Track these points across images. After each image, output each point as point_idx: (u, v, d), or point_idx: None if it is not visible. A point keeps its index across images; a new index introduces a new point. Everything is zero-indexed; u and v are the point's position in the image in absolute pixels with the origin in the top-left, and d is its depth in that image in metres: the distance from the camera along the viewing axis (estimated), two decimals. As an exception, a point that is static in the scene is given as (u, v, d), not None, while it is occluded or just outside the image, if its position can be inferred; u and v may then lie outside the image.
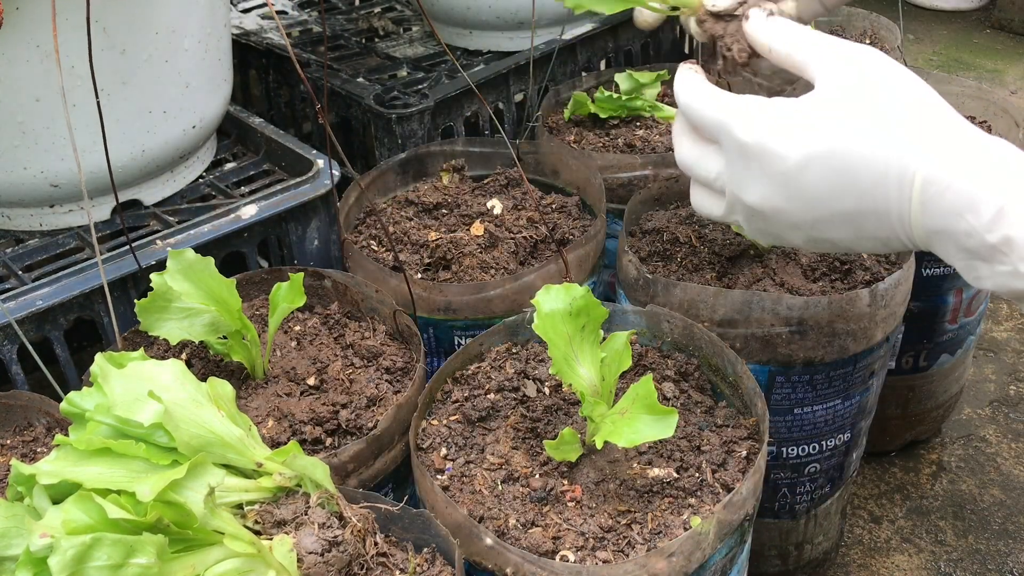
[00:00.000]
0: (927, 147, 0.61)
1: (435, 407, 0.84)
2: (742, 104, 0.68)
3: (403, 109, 1.21)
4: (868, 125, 0.63)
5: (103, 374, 0.59)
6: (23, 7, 0.86)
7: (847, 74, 0.66)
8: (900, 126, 0.62)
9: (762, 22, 0.72)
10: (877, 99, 0.64)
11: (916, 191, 0.61)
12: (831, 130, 0.64)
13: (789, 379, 0.97)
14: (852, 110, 0.64)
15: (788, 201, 0.67)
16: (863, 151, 0.63)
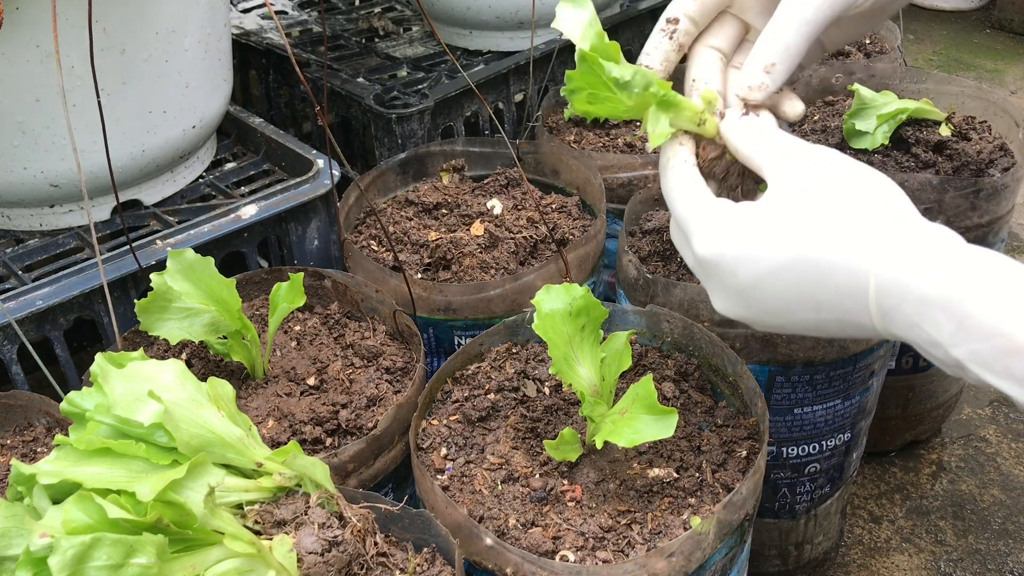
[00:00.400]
0: (878, 253, 0.58)
1: (435, 407, 0.84)
2: (704, 212, 0.66)
3: (403, 109, 1.21)
4: (817, 234, 0.60)
5: (103, 374, 0.59)
6: (23, 7, 0.86)
7: (797, 178, 0.63)
8: (849, 232, 0.59)
9: (732, 123, 0.70)
10: (826, 204, 0.61)
11: (872, 302, 0.59)
12: (782, 243, 0.62)
13: (789, 379, 0.97)
14: (801, 219, 0.61)
15: (750, 312, 0.66)
16: (816, 263, 0.60)
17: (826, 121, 1.27)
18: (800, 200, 0.62)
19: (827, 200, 0.61)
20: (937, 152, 1.18)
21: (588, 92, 0.69)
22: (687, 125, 0.70)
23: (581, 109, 0.71)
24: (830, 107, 1.31)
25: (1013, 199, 1.16)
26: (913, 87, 1.29)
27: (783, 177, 0.64)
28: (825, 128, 1.25)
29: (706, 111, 0.71)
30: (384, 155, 1.24)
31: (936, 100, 1.24)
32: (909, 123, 1.20)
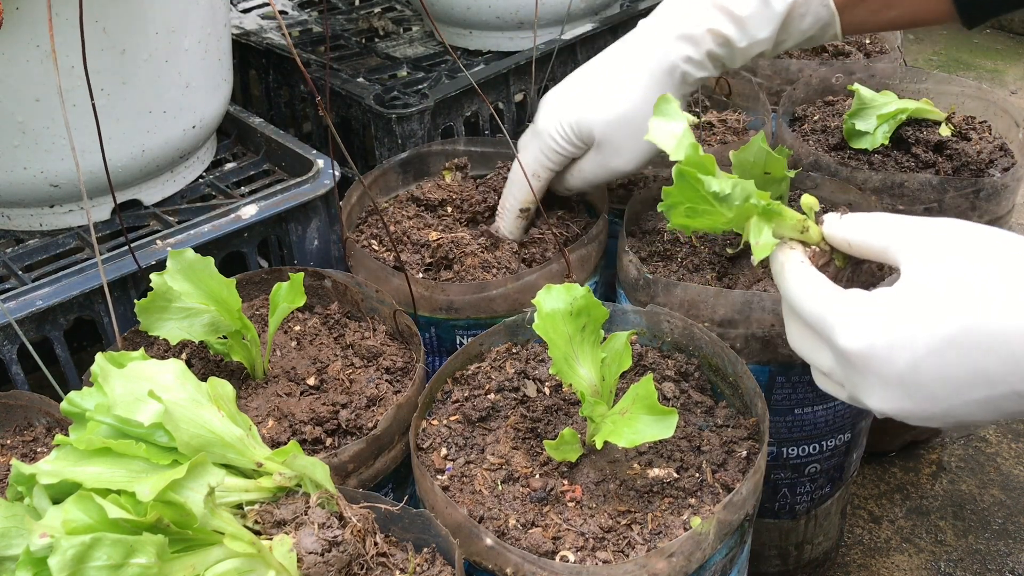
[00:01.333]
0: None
1: (435, 407, 0.84)
2: (843, 305, 0.64)
3: (403, 109, 1.21)
4: (977, 302, 0.57)
5: (103, 374, 0.59)
6: (23, 7, 0.86)
7: (933, 251, 0.61)
8: (1015, 294, 0.56)
9: (836, 223, 0.71)
10: (977, 270, 0.59)
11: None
12: (938, 318, 0.58)
13: (789, 379, 0.97)
14: (954, 290, 0.59)
15: (912, 401, 0.62)
16: (982, 332, 0.57)
17: (826, 121, 1.27)
18: (946, 272, 0.60)
19: (977, 266, 0.59)
20: (937, 152, 1.18)
21: (687, 207, 0.69)
22: (790, 233, 0.71)
23: (679, 223, 0.70)
24: (830, 107, 1.31)
25: (1013, 199, 1.16)
26: (913, 87, 1.29)
27: (917, 254, 0.62)
28: (825, 128, 1.25)
29: (808, 218, 0.71)
30: (384, 155, 1.24)
31: (936, 100, 1.24)
32: (909, 123, 1.20)
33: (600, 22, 1.43)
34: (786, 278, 0.69)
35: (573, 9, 1.37)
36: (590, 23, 1.43)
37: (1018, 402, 0.58)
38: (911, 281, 0.61)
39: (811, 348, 0.69)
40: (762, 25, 0.89)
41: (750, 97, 1.31)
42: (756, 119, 1.31)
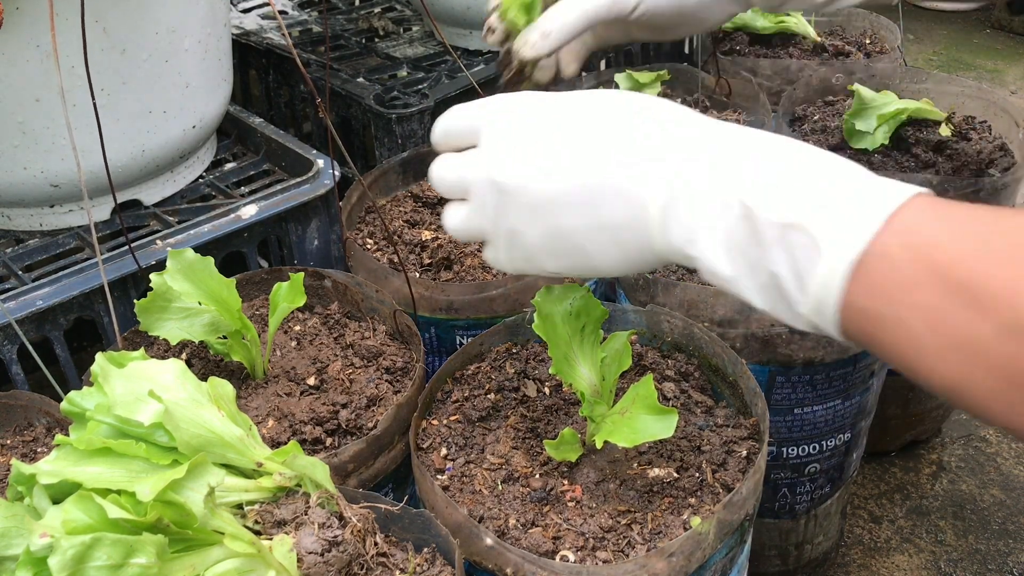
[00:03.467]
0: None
1: (435, 407, 0.84)
2: (496, 100, 0.66)
3: (403, 109, 1.21)
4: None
5: (103, 374, 0.59)
6: (23, 7, 0.86)
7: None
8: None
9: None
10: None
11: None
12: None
13: (789, 379, 0.97)
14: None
15: (537, 169, 0.60)
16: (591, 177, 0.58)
17: (826, 121, 1.27)
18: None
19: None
20: (937, 152, 1.18)
21: None
22: None
23: None
24: (830, 107, 1.31)
25: (1013, 199, 1.16)
26: (913, 87, 1.29)
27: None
28: (825, 128, 1.25)
29: None
30: (384, 155, 1.24)
31: (936, 100, 1.24)
32: (909, 123, 1.20)
33: (600, 22, 1.43)
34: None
35: (573, 9, 1.37)
36: (590, 23, 1.43)
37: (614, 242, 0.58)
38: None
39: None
40: None
41: (750, 97, 1.31)
42: (756, 119, 1.31)
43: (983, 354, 0.45)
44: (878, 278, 0.48)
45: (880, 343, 0.50)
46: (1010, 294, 0.44)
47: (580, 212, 0.59)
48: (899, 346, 0.49)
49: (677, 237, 0.56)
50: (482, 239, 0.66)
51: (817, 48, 1.48)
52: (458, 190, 0.65)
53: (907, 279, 0.48)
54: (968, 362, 0.46)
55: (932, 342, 0.47)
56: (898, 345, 0.49)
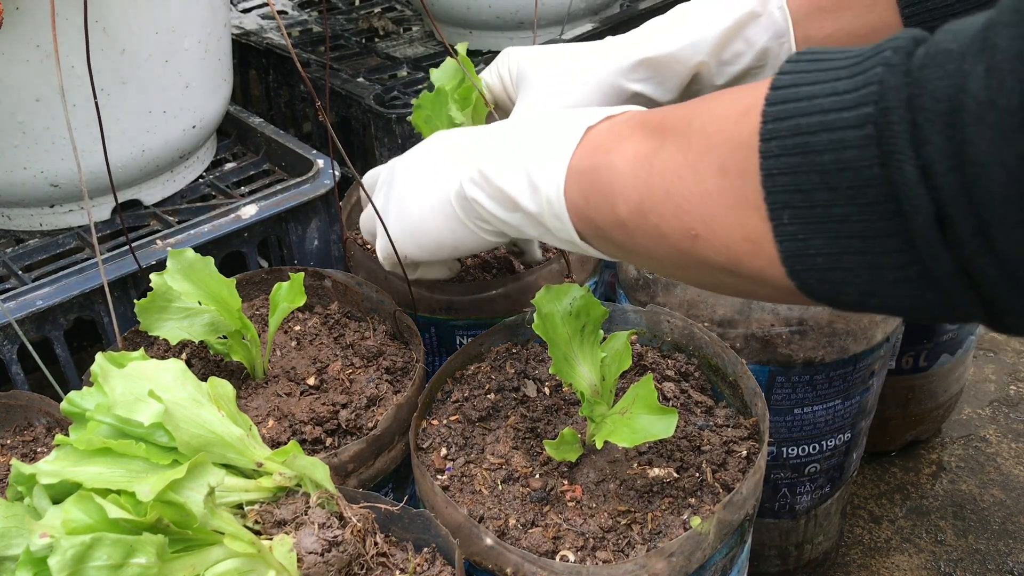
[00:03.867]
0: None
1: (435, 407, 0.84)
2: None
3: (403, 109, 1.21)
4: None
5: (103, 374, 0.59)
6: (23, 7, 0.86)
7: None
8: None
9: None
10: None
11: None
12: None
13: (789, 379, 0.97)
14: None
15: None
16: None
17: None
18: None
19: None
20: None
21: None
22: None
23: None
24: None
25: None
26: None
27: None
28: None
29: None
30: (384, 155, 1.24)
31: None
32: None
33: (600, 22, 1.43)
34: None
35: (573, 9, 1.37)
36: (590, 23, 1.43)
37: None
38: None
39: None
40: (716, 20, 0.87)
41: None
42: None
43: (663, 164, 0.55)
44: (595, 140, 0.62)
45: (592, 201, 0.61)
46: (685, 117, 0.56)
47: (417, 193, 0.78)
48: (605, 188, 0.60)
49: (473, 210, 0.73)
50: (382, 246, 0.83)
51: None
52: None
53: (617, 136, 0.61)
54: (652, 175, 0.56)
55: (629, 172, 0.58)
56: (605, 188, 0.60)
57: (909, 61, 0.42)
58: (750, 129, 0.48)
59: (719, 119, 0.52)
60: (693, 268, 0.56)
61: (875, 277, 0.45)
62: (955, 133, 0.39)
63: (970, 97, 0.39)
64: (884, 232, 0.44)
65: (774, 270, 0.50)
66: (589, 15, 1.44)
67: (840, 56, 0.47)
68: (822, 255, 0.46)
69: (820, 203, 0.45)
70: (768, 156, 0.47)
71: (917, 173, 0.41)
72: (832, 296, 0.49)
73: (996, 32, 0.39)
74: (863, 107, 0.43)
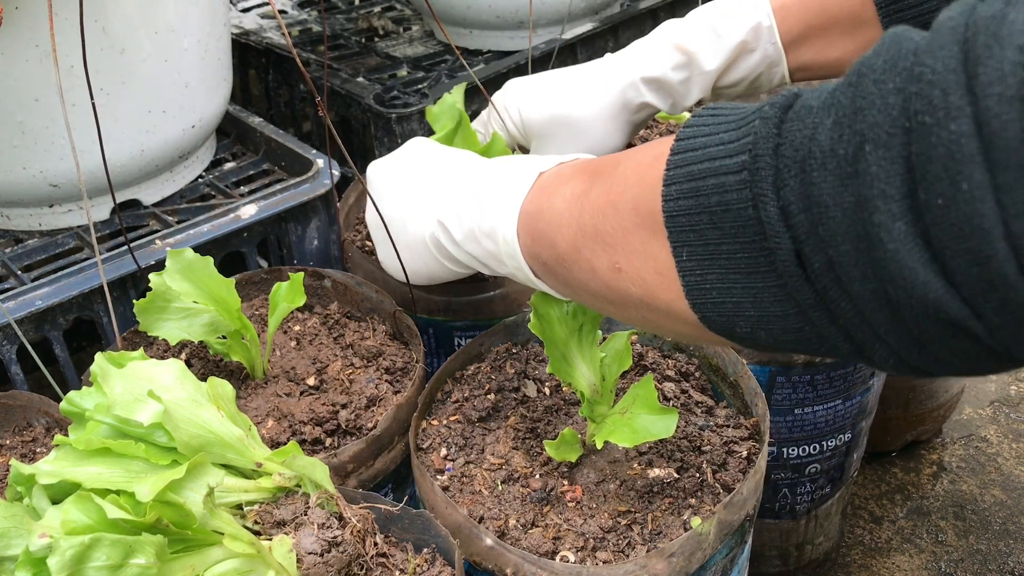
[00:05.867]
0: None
1: (435, 407, 0.84)
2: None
3: (403, 109, 1.21)
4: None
5: (103, 374, 0.59)
6: (22, 7, 0.85)
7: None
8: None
9: None
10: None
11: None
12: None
13: (790, 379, 0.97)
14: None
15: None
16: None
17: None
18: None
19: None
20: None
21: None
22: None
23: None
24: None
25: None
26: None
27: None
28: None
29: None
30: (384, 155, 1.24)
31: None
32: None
33: (600, 21, 1.43)
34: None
35: (573, 8, 1.37)
36: (590, 23, 1.43)
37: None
38: None
39: None
40: (712, 58, 0.95)
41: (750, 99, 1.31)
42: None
43: (592, 202, 0.60)
44: (542, 183, 0.68)
45: (539, 241, 0.66)
46: (614, 162, 0.61)
47: (397, 228, 0.86)
48: (548, 227, 0.64)
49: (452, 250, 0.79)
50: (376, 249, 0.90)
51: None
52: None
53: (560, 179, 0.66)
54: (583, 213, 0.61)
55: (566, 211, 0.62)
56: (548, 226, 0.64)
57: (783, 115, 0.47)
58: (656, 174, 0.54)
59: (636, 164, 0.58)
60: (619, 303, 0.60)
61: (760, 311, 0.50)
62: (805, 177, 0.44)
63: (817, 146, 0.43)
64: (761, 267, 0.48)
65: (680, 303, 0.54)
66: (589, 15, 1.43)
67: (732, 111, 0.52)
68: (716, 288, 0.51)
69: (711, 240, 0.50)
70: (669, 199, 0.52)
71: (778, 213, 0.46)
72: (728, 329, 0.53)
73: (841, 90, 0.43)
74: (741, 155, 0.48)
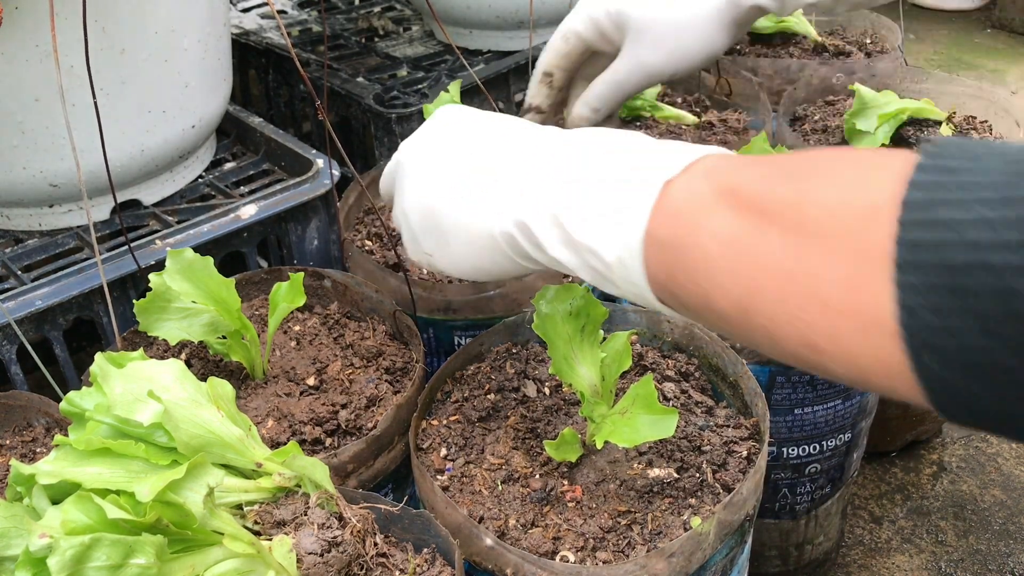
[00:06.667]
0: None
1: (435, 407, 0.84)
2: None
3: (403, 109, 1.21)
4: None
5: (103, 374, 0.59)
6: (23, 7, 0.85)
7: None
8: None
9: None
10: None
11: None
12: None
13: (790, 379, 0.96)
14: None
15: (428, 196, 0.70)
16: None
17: (827, 121, 1.27)
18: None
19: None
20: (938, 152, 1.17)
21: None
22: None
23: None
24: (831, 107, 1.31)
25: (1014, 199, 1.15)
26: (914, 87, 1.29)
27: None
28: (826, 128, 1.25)
29: None
30: (384, 155, 1.24)
31: (937, 100, 1.24)
32: (910, 123, 1.19)
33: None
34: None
35: (573, 9, 1.37)
36: (590, 23, 1.42)
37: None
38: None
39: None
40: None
41: (750, 97, 1.31)
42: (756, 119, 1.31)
43: (770, 260, 0.47)
44: (676, 205, 0.53)
45: (679, 280, 0.53)
46: (792, 202, 0.47)
47: (455, 218, 0.68)
48: (696, 273, 0.52)
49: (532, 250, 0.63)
50: (413, 252, 0.73)
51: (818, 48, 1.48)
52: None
53: (702, 206, 0.52)
54: (757, 272, 0.48)
55: (724, 259, 0.50)
56: (695, 272, 0.52)
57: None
58: (880, 243, 0.41)
59: (839, 217, 0.45)
60: (809, 368, 0.50)
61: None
62: None
63: None
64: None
65: (912, 393, 0.43)
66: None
67: (979, 168, 0.40)
68: (982, 399, 0.40)
69: (978, 349, 0.38)
70: (907, 288, 0.40)
71: None
72: (976, 423, 0.43)
73: None
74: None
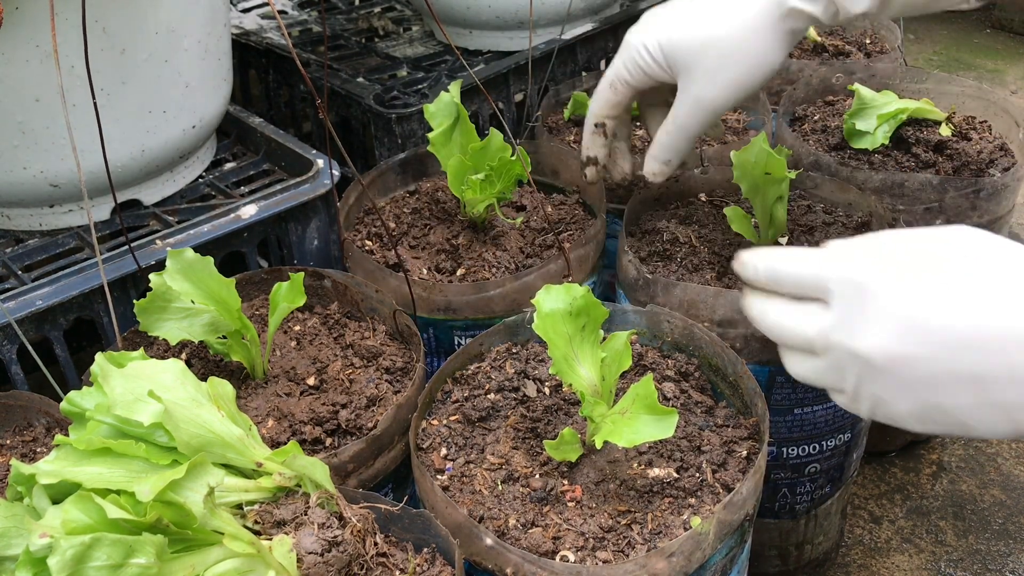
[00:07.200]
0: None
1: (435, 407, 0.84)
2: (840, 251, 0.63)
3: (403, 109, 1.21)
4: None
5: (103, 374, 0.59)
6: (23, 7, 0.86)
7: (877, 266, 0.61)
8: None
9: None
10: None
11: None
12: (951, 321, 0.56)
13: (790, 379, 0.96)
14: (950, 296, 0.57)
15: (912, 346, 0.57)
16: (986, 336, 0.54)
17: (826, 121, 1.27)
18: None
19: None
20: (937, 152, 1.18)
21: None
22: None
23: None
24: (830, 107, 1.31)
25: (1013, 199, 1.16)
26: (913, 87, 1.29)
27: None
28: (825, 128, 1.25)
29: None
30: (384, 155, 1.24)
31: (936, 100, 1.24)
32: (909, 123, 1.20)
33: (600, 22, 1.43)
34: (770, 262, 0.69)
35: (573, 9, 1.37)
36: (590, 23, 1.43)
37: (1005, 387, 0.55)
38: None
39: (798, 317, 0.66)
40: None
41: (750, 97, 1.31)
42: (756, 119, 1.31)
43: None
44: None
45: None
46: None
47: (967, 391, 0.56)
48: None
49: None
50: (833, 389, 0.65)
51: (817, 48, 1.48)
52: (801, 343, 0.65)
53: None
54: None
55: None
56: None
57: None
58: None
59: None
60: None
61: None
62: None
63: None
64: None
65: None
66: (589, 15, 1.43)
67: None
68: None
69: None
70: None
71: None
72: None
73: None
74: None
